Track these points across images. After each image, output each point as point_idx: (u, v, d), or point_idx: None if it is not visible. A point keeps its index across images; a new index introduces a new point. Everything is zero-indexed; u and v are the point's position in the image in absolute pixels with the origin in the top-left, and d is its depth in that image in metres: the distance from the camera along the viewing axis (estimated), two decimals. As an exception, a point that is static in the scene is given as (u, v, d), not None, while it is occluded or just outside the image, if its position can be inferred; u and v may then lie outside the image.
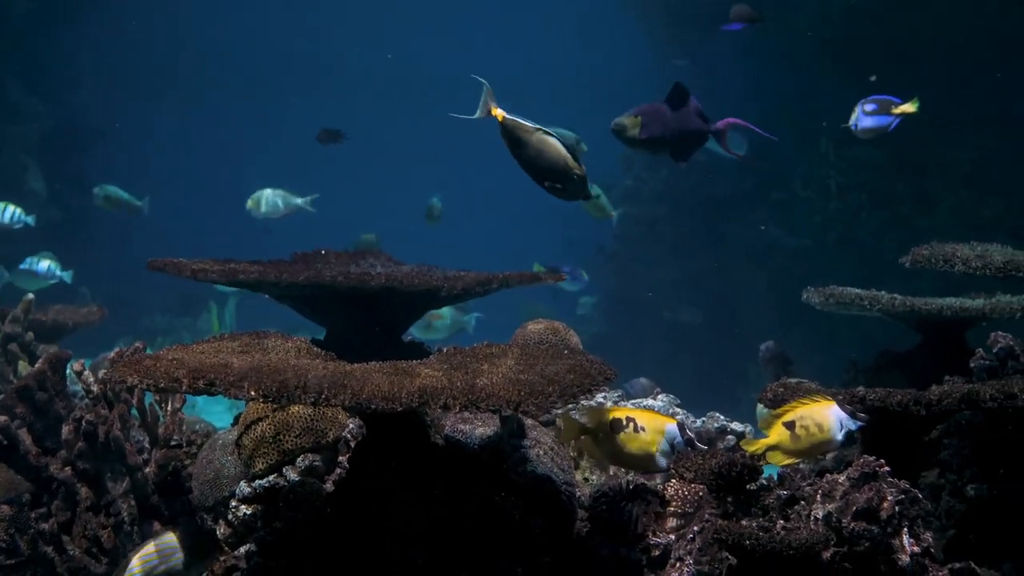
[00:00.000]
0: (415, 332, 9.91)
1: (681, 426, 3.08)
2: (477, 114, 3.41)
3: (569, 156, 3.38)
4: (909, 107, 5.04)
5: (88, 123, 18.12)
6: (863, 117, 5.13)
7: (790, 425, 3.05)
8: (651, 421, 3.09)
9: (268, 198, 8.61)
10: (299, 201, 8.62)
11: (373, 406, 2.56)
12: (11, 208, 8.90)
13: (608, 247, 13.73)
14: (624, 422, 3.09)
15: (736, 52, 12.79)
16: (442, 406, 2.60)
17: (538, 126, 3.39)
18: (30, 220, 8.81)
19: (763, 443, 3.10)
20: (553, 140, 3.37)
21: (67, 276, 8.67)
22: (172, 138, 25.29)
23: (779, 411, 3.09)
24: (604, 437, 3.11)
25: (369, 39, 26.51)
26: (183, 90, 25.50)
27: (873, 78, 8.24)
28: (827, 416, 3.04)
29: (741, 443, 3.28)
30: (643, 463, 3.09)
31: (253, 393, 2.61)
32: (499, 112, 3.38)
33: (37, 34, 14.94)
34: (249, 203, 8.67)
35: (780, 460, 3.11)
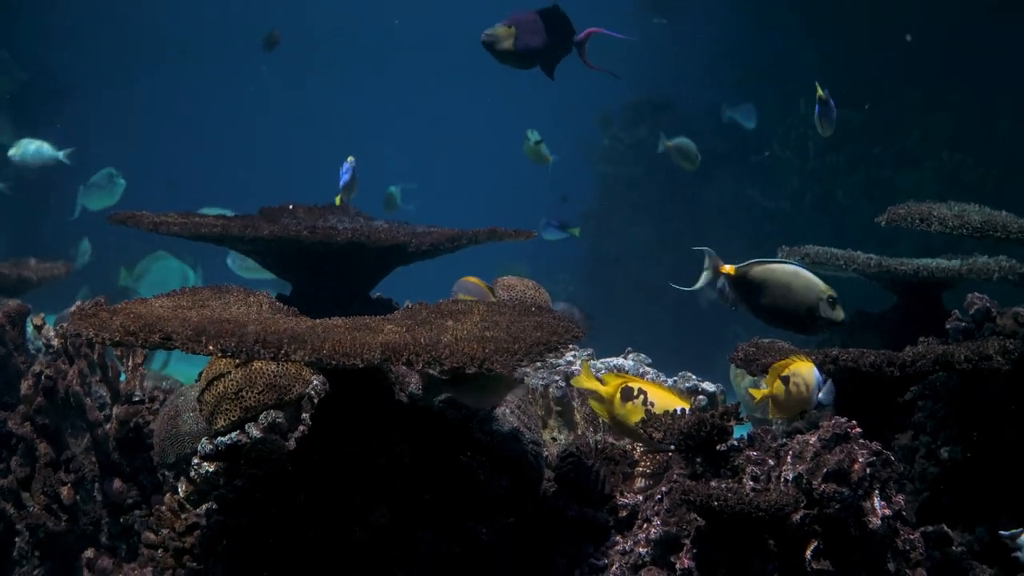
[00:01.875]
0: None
1: (695, 412, 3.01)
2: (703, 281, 3.35)
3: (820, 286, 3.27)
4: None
5: (61, 77, 17.92)
6: None
7: (785, 380, 3.00)
8: (663, 399, 3.02)
9: (25, 146, 8.55)
10: (59, 154, 8.54)
11: (334, 362, 2.50)
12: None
13: (582, 202, 13.64)
14: (635, 392, 3.03)
15: (716, 11, 12.71)
16: (405, 363, 2.54)
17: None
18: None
19: (762, 393, 3.05)
20: (804, 273, 3.28)
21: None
22: (148, 92, 25.05)
23: (779, 364, 3.03)
24: (612, 402, 3.05)
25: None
26: (159, 42, 25.26)
27: (909, 38, 8.20)
28: (811, 375, 2.99)
29: (752, 391, 3.21)
30: (641, 437, 3.02)
31: (211, 348, 2.54)
32: (728, 267, 3.32)
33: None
34: (12, 150, 8.60)
35: (772, 414, 3.07)
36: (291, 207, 4.60)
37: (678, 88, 13.20)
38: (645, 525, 2.98)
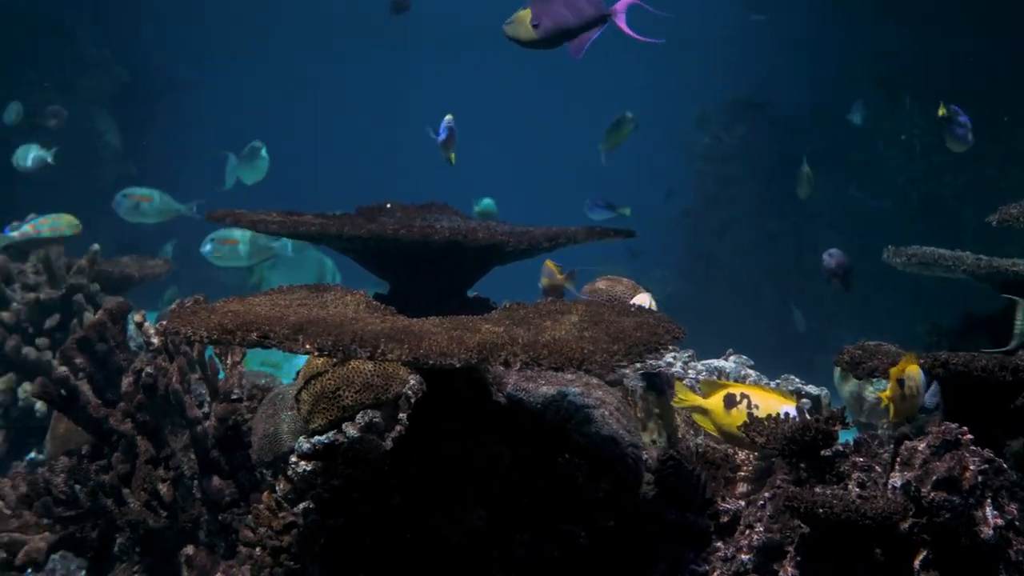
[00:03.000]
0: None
1: (800, 411, 2.94)
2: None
3: None
4: None
5: (161, 74, 18.19)
6: None
7: (900, 383, 2.91)
8: (767, 401, 2.96)
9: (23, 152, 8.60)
10: (47, 155, 8.58)
11: (431, 361, 2.47)
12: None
13: (680, 199, 13.53)
14: (738, 398, 2.96)
15: (818, 8, 12.53)
16: (502, 362, 2.50)
17: None
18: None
19: (885, 395, 2.97)
20: None
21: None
22: (246, 88, 25.33)
23: (897, 368, 2.95)
24: (715, 411, 2.99)
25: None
26: (255, 39, 25.52)
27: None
28: (921, 378, 2.91)
29: (880, 393, 3.12)
30: (753, 444, 2.95)
31: (308, 347, 2.53)
32: None
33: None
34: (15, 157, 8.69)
35: (891, 418, 2.99)
36: (388, 205, 4.59)
37: (777, 85, 13.05)
38: (747, 531, 2.92)
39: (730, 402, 2.96)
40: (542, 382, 3.34)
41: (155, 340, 4.01)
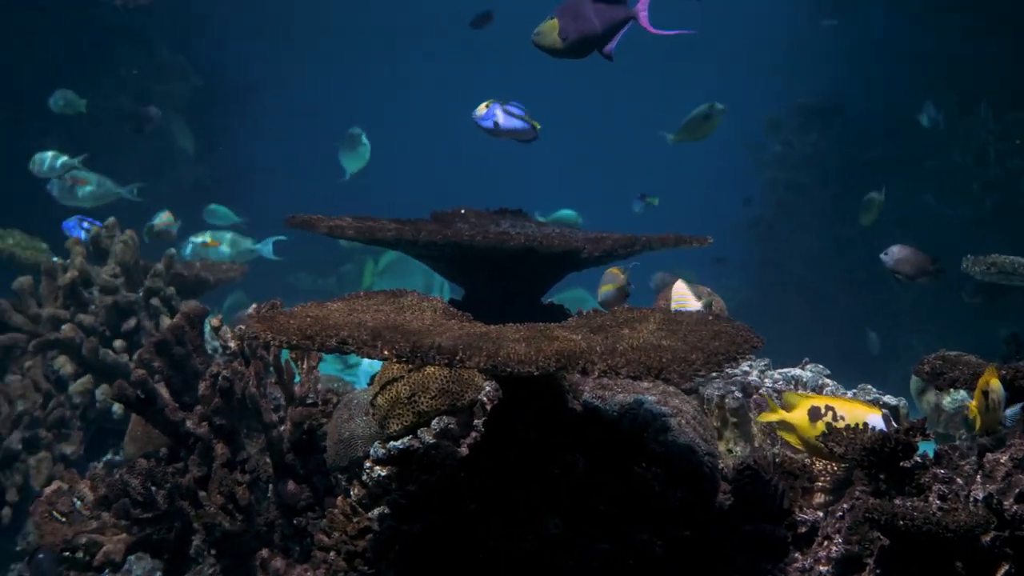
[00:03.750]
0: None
1: (887, 418, 2.90)
2: None
3: None
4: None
5: (235, 80, 18.38)
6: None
7: (984, 394, 2.87)
8: (852, 412, 2.93)
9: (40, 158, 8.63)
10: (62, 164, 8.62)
11: (509, 369, 2.46)
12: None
13: (757, 207, 13.46)
14: (822, 411, 2.93)
15: (890, 14, 12.40)
16: (580, 370, 2.49)
17: None
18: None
19: (973, 406, 2.93)
20: None
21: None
22: (316, 94, 25.48)
23: (982, 380, 2.90)
24: (801, 425, 2.96)
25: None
26: (327, 45, 25.69)
27: None
28: (1001, 389, 2.87)
29: (968, 404, 3.08)
30: (842, 459, 2.91)
31: (386, 353, 2.53)
32: None
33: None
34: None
35: (977, 429, 2.94)
36: (463, 211, 4.59)
37: (849, 91, 12.95)
38: (825, 543, 2.89)
39: (815, 415, 2.92)
40: (618, 390, 3.33)
41: (232, 344, 4.04)
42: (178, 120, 16.45)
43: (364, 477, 3.49)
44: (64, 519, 3.97)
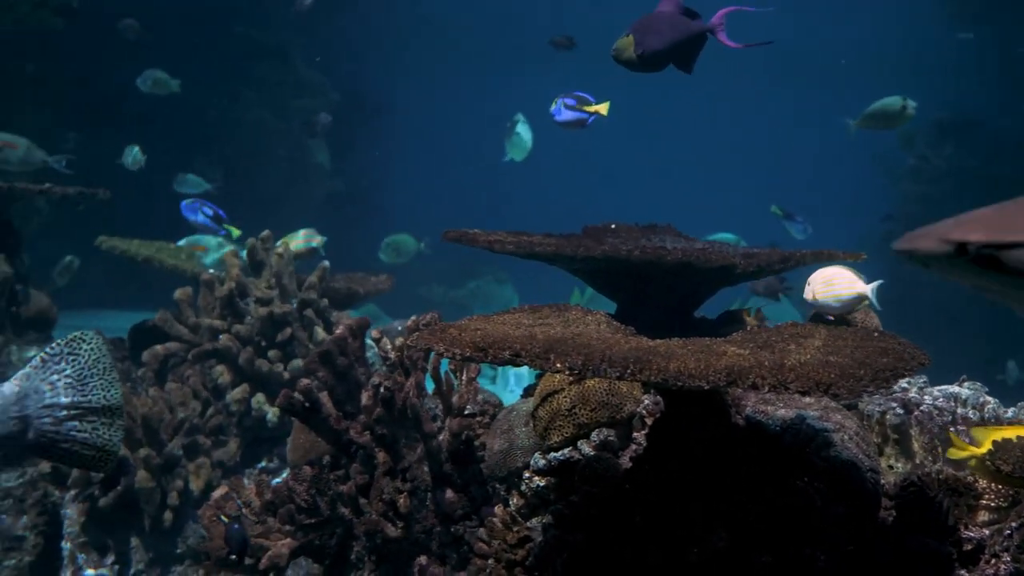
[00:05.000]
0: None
1: None
2: None
3: None
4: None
5: (371, 97, 18.65)
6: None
7: None
8: None
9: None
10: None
11: (680, 383, 2.50)
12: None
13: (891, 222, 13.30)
14: (1015, 442, 2.89)
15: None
16: (750, 385, 2.52)
17: None
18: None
19: None
20: None
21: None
22: (450, 110, 25.77)
23: None
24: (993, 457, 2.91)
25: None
26: (457, 61, 25.93)
27: None
28: None
29: None
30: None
31: (559, 365, 2.58)
32: None
33: (320, 9, 15.50)
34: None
35: None
36: (613, 226, 4.63)
37: (984, 105, 12.73)
38: (993, 560, 2.88)
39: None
40: (780, 405, 3.34)
41: (392, 356, 4.14)
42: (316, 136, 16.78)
43: (523, 487, 3.55)
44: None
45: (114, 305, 13.00)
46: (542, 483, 3.50)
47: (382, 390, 3.97)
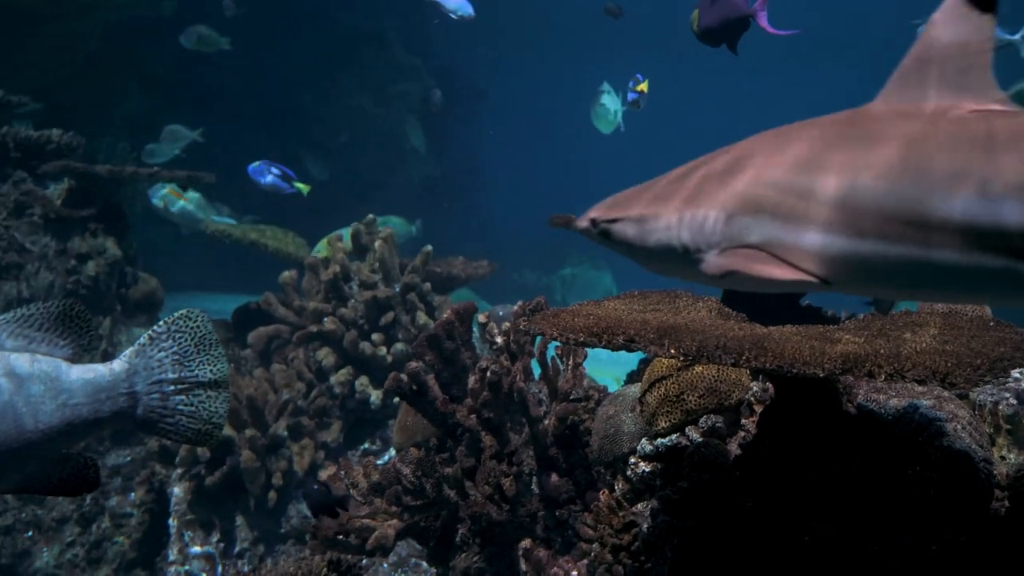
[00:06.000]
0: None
1: None
2: None
3: None
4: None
5: (467, 82, 18.68)
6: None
7: None
8: None
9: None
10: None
11: (794, 370, 2.49)
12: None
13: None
14: None
15: None
16: (866, 374, 2.50)
17: None
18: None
19: None
20: None
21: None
22: (545, 94, 25.73)
23: None
24: None
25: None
26: (548, 48, 25.87)
27: None
28: None
29: None
30: None
31: (672, 351, 2.58)
32: None
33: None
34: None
35: None
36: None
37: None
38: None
39: None
40: (892, 394, 3.31)
41: (499, 340, 4.16)
42: (411, 120, 16.86)
43: (628, 472, 3.55)
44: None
45: (216, 288, 13.21)
46: (648, 468, 3.50)
47: (489, 374, 4.00)
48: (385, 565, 5.04)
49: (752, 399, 3.49)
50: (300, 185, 7.97)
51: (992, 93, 2.45)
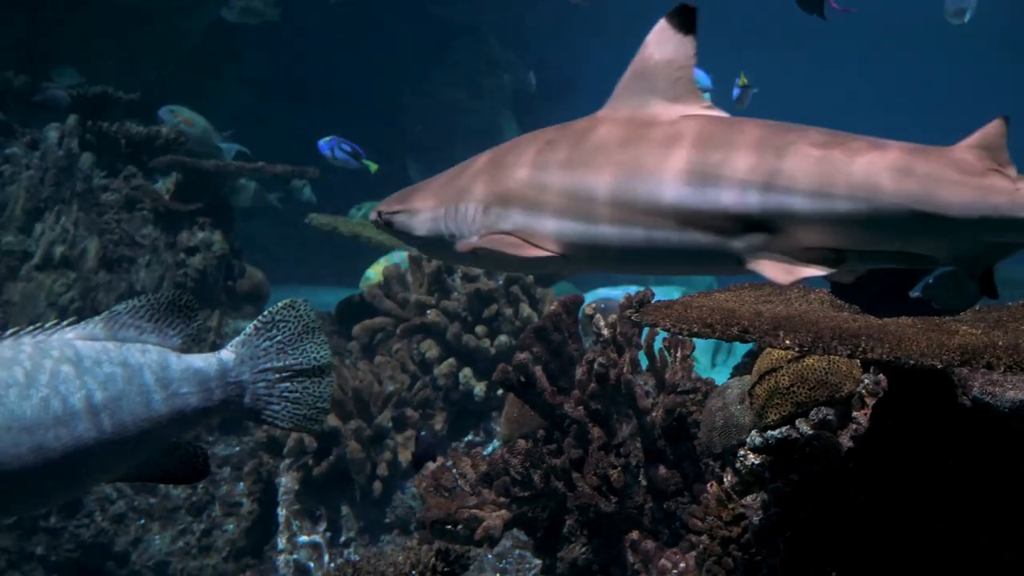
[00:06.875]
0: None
1: None
2: None
3: None
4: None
5: (559, 74, 18.69)
6: None
7: None
8: None
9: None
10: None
11: (911, 361, 2.48)
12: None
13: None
14: None
15: None
16: (984, 365, 2.48)
17: None
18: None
19: None
20: None
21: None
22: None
23: None
24: None
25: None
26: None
27: None
28: None
29: None
30: None
31: (787, 342, 2.58)
32: None
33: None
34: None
35: None
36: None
37: None
38: None
39: None
40: (1008, 386, 3.26)
41: (605, 332, 4.17)
42: (505, 113, 16.91)
43: (737, 465, 3.54)
44: (447, 494, 4.19)
45: (319, 281, 13.35)
46: (757, 461, 3.49)
47: (596, 366, 4.01)
48: (490, 556, 5.08)
49: (864, 391, 3.47)
50: (369, 163, 8.08)
51: (698, 100, 2.97)
